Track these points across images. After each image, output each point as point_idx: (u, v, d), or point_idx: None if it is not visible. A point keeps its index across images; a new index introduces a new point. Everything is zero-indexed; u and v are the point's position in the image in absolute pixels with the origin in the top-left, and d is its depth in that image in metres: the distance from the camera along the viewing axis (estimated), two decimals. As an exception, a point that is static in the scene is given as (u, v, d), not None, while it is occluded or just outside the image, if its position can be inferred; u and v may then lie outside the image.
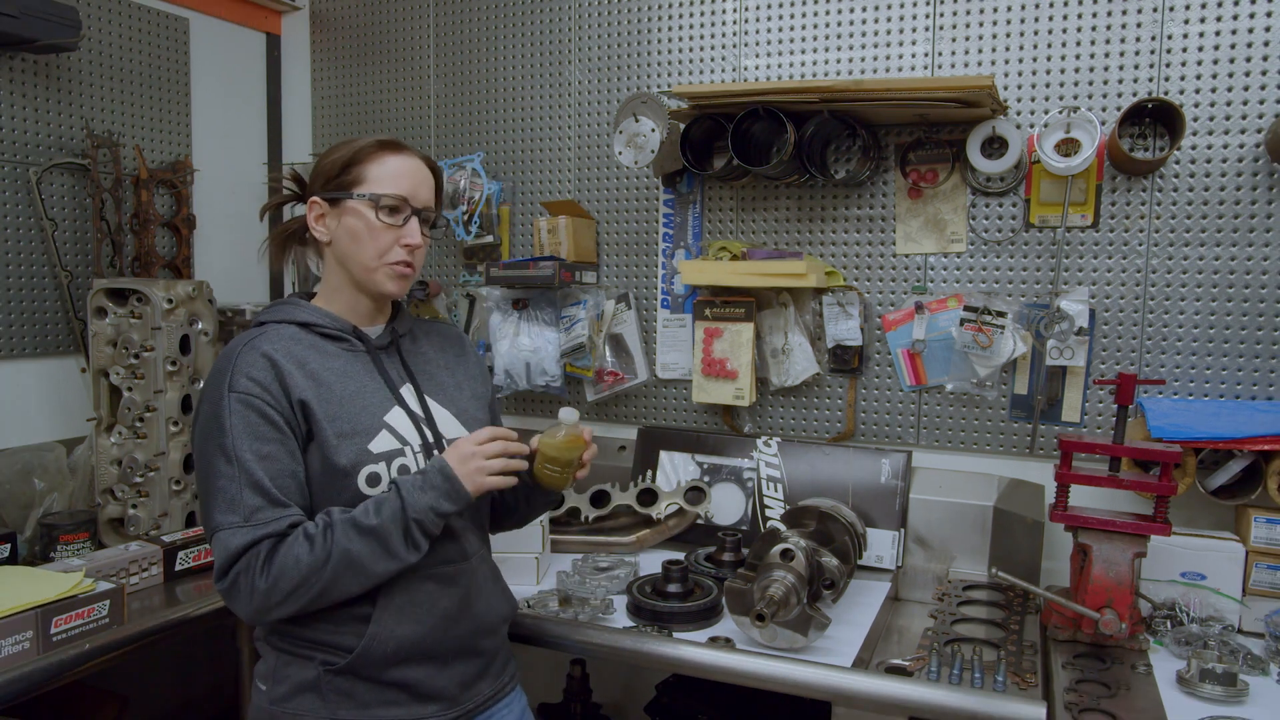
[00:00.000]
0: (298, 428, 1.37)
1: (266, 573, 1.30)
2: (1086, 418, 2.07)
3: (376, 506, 1.34)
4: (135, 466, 2.12)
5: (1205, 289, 1.96)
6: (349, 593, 1.35)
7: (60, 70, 2.31)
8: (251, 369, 1.36)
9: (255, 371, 1.36)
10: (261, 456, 1.33)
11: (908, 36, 2.16)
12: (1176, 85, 1.95)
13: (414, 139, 2.73)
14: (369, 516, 1.33)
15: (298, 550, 1.30)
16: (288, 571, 1.30)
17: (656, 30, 2.42)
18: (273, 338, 1.41)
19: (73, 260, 2.33)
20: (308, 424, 1.37)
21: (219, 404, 1.35)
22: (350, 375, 1.44)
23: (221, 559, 1.32)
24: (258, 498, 1.31)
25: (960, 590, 1.96)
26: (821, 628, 1.63)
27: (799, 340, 2.25)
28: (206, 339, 2.24)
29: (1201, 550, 1.82)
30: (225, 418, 1.33)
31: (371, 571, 1.34)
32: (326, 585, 1.32)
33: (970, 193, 2.13)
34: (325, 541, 1.31)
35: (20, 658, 1.55)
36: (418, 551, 1.36)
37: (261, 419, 1.34)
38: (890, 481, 2.12)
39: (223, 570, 1.32)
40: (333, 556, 1.31)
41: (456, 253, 2.68)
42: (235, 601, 1.34)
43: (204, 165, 2.64)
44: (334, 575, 1.31)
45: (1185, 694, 1.53)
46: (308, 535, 1.32)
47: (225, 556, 1.31)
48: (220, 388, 1.36)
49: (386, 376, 1.47)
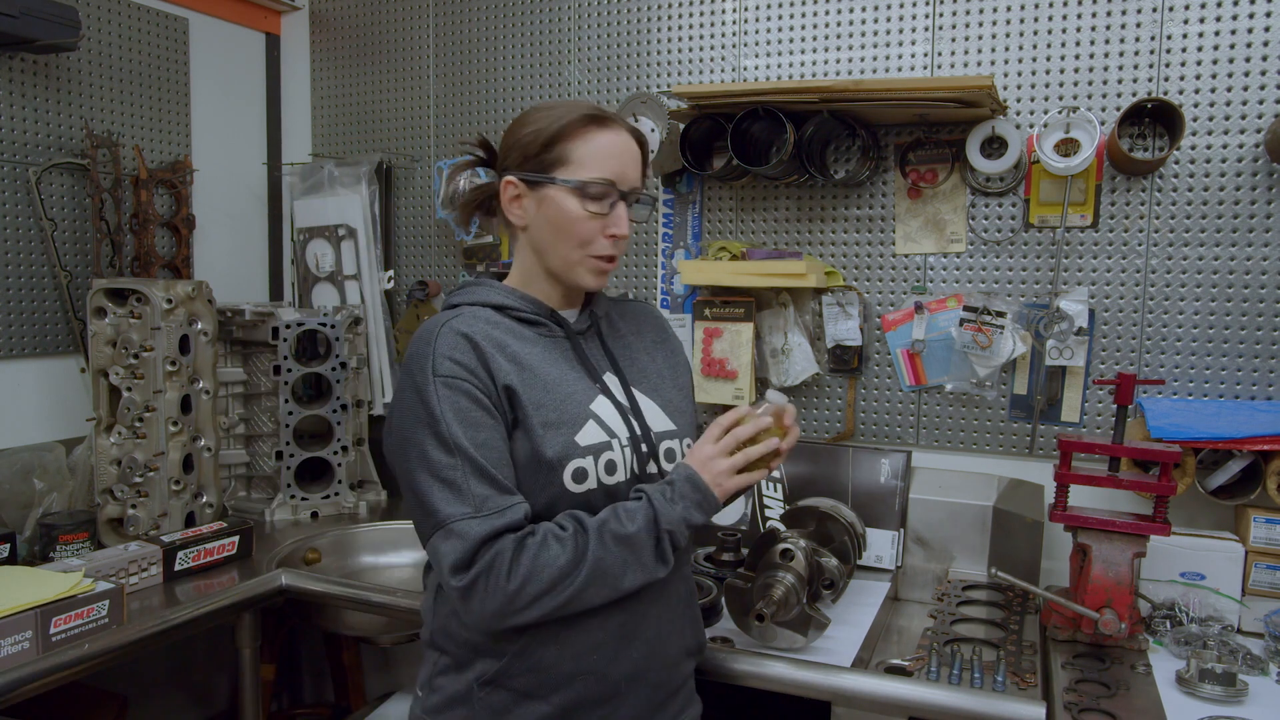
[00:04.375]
0: (505, 412, 1.26)
1: (514, 573, 1.19)
2: (1086, 418, 2.07)
3: (629, 514, 1.24)
4: (135, 466, 2.12)
5: (1205, 289, 1.96)
6: (592, 603, 1.24)
7: (60, 70, 2.31)
8: (453, 351, 1.25)
9: (457, 353, 1.25)
10: (479, 443, 1.22)
11: (907, 36, 2.16)
12: (1176, 85, 1.95)
13: (414, 139, 2.73)
14: (623, 524, 1.23)
15: (550, 553, 1.20)
16: (539, 574, 1.19)
17: (656, 30, 2.42)
18: (469, 319, 1.29)
19: (72, 260, 2.33)
20: (514, 411, 1.27)
21: (424, 389, 1.23)
22: (551, 361, 1.32)
23: (460, 553, 1.19)
24: (485, 486, 1.21)
25: (960, 590, 1.96)
26: (821, 628, 1.63)
27: (799, 340, 2.25)
28: (206, 339, 2.24)
29: (1201, 550, 1.82)
30: (434, 404, 1.22)
31: (620, 583, 1.23)
32: (576, 593, 1.21)
33: (970, 193, 2.13)
34: (578, 546, 1.21)
35: (20, 658, 1.55)
36: (666, 566, 1.26)
37: (472, 403, 1.23)
38: (890, 481, 2.12)
39: (462, 565, 1.20)
40: (586, 562, 1.21)
41: (456, 252, 2.68)
42: (474, 600, 1.21)
43: (203, 165, 2.64)
44: (585, 583, 1.21)
45: (1185, 694, 1.53)
46: (557, 538, 1.22)
47: (464, 550, 1.19)
48: (423, 372, 1.24)
49: (588, 363, 1.35)
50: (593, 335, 1.41)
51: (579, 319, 1.41)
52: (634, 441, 1.33)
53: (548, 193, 1.31)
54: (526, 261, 1.39)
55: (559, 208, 1.31)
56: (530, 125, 1.33)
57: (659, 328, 1.53)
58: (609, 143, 1.31)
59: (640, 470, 1.34)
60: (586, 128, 1.31)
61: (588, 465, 1.28)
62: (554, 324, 1.37)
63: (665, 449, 1.39)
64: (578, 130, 1.30)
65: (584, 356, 1.36)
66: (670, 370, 1.49)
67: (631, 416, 1.35)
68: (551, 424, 1.27)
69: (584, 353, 1.37)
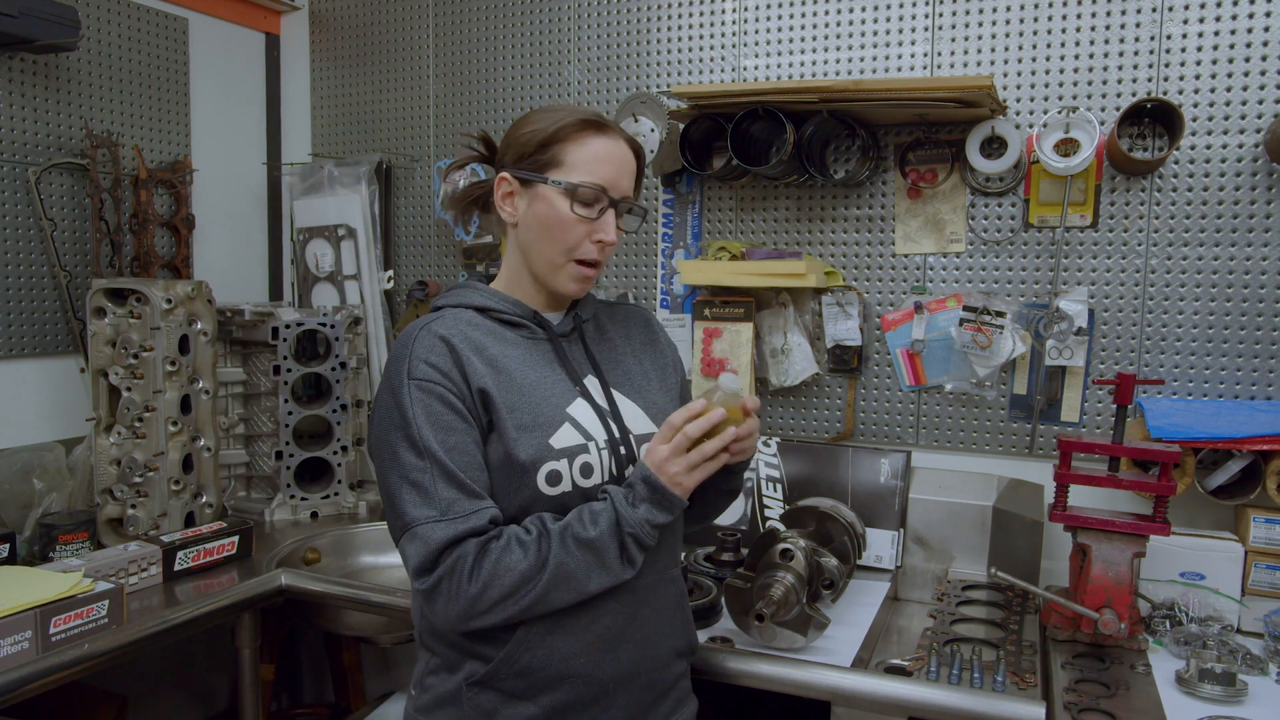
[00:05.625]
0: (479, 415, 1.28)
1: (476, 577, 1.21)
2: (1085, 418, 2.07)
3: (592, 517, 1.25)
4: (134, 466, 2.12)
5: (1204, 289, 1.96)
6: (558, 606, 1.25)
7: (59, 70, 2.30)
8: (429, 354, 1.27)
9: (433, 356, 1.27)
10: (449, 447, 1.24)
11: (907, 36, 2.16)
12: (1176, 85, 1.95)
13: (414, 139, 2.73)
14: (585, 528, 1.24)
15: (512, 557, 1.21)
16: (500, 578, 1.21)
17: (656, 30, 2.42)
18: (449, 322, 1.32)
19: (72, 260, 2.33)
20: (488, 414, 1.28)
21: (399, 392, 1.26)
22: (530, 364, 1.34)
23: (422, 556, 1.22)
24: (453, 490, 1.23)
25: (959, 590, 1.96)
26: (821, 628, 1.63)
27: (798, 340, 2.25)
28: (205, 339, 2.24)
29: (1201, 550, 1.82)
30: (407, 406, 1.25)
31: (584, 586, 1.24)
32: (539, 597, 1.23)
33: (969, 193, 2.13)
34: (540, 550, 1.22)
35: (19, 658, 1.54)
36: (633, 568, 1.27)
37: (444, 406, 1.25)
38: (889, 481, 2.12)
39: (425, 568, 1.22)
40: (548, 566, 1.22)
41: (456, 252, 2.68)
42: (437, 603, 1.23)
43: (203, 165, 2.64)
44: (548, 587, 1.22)
45: (1184, 694, 1.53)
46: (520, 541, 1.23)
47: (427, 553, 1.21)
48: (399, 375, 1.27)
49: (568, 366, 1.36)
50: (575, 338, 1.42)
51: (562, 321, 1.42)
52: (612, 444, 1.34)
53: (539, 191, 1.32)
54: (514, 261, 1.41)
55: (549, 207, 1.32)
56: (530, 125, 1.35)
57: (648, 330, 1.54)
58: (604, 149, 1.33)
59: (619, 473, 1.34)
60: (584, 132, 1.32)
61: (562, 468, 1.29)
62: (536, 326, 1.38)
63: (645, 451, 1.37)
64: (575, 133, 1.32)
65: (565, 359, 1.37)
66: (657, 373, 1.49)
67: (611, 420, 1.35)
68: (525, 426, 1.28)
69: (565, 355, 1.37)
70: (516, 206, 1.36)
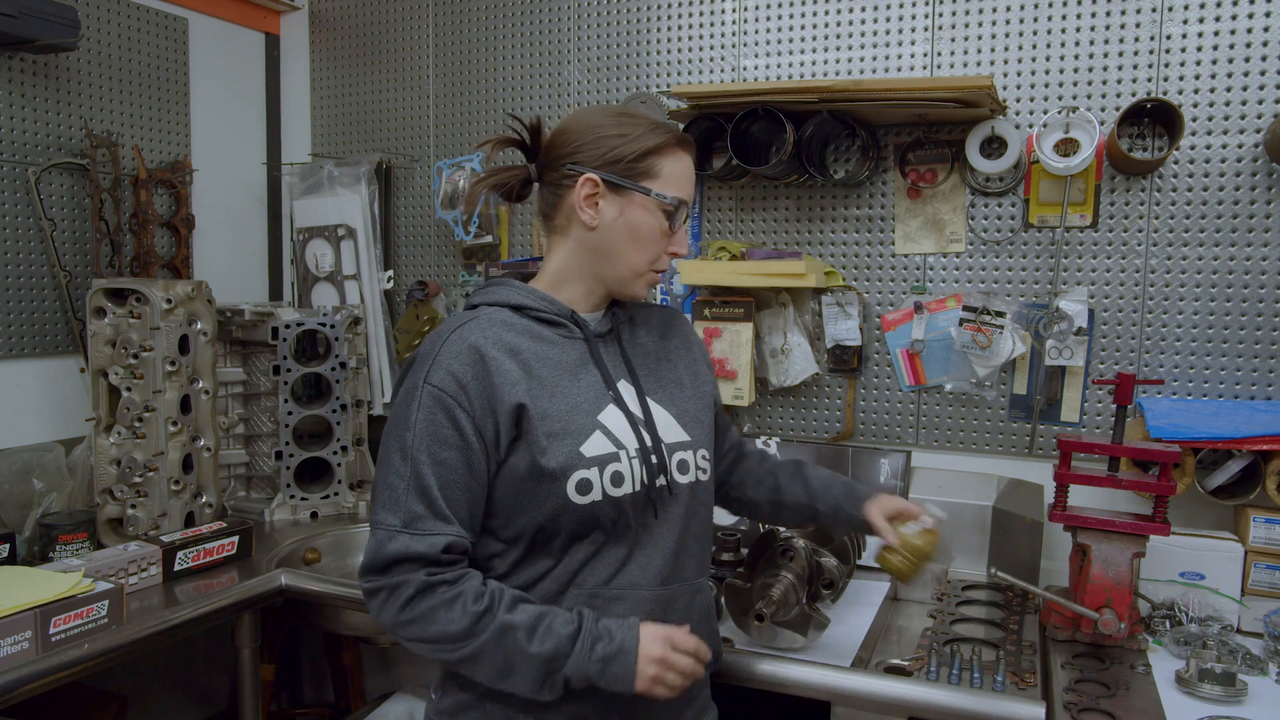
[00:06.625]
0: (499, 433, 1.26)
1: (408, 609, 1.22)
2: (1085, 418, 2.07)
3: (546, 630, 1.22)
4: (134, 466, 2.12)
5: (1204, 289, 1.96)
6: (472, 676, 1.26)
7: (59, 70, 2.30)
8: (454, 361, 1.25)
9: (457, 366, 1.25)
10: (437, 462, 1.24)
11: (907, 37, 2.16)
12: (1175, 85, 1.95)
13: (414, 139, 2.73)
14: (532, 639, 1.22)
15: (449, 614, 1.21)
16: (426, 625, 1.22)
17: (656, 30, 2.42)
18: (484, 324, 1.30)
19: (72, 260, 2.33)
20: (517, 428, 1.26)
21: (412, 393, 1.26)
22: (565, 367, 1.32)
23: (372, 558, 1.24)
24: (421, 505, 1.23)
25: (959, 590, 1.96)
26: (821, 627, 1.63)
27: (798, 340, 2.25)
28: (205, 339, 2.24)
29: (1200, 550, 1.82)
30: (413, 410, 1.25)
31: (496, 681, 1.25)
32: (455, 661, 1.24)
33: (969, 193, 2.13)
34: (476, 624, 1.22)
35: (19, 658, 1.55)
36: (554, 695, 1.24)
37: (449, 420, 1.24)
38: (889, 481, 2.12)
39: (371, 570, 1.24)
40: (472, 645, 1.22)
41: (456, 253, 2.68)
42: (371, 606, 1.26)
43: (203, 165, 2.64)
44: (464, 659, 1.23)
45: (1184, 694, 1.53)
46: (465, 604, 1.22)
47: (377, 559, 1.23)
48: (419, 375, 1.26)
49: (604, 369, 1.34)
50: (612, 339, 1.39)
51: (600, 321, 1.40)
52: (643, 453, 1.31)
53: (635, 200, 1.32)
54: (570, 261, 1.37)
55: (645, 218, 1.32)
56: (629, 131, 1.32)
57: (683, 333, 1.52)
58: (688, 167, 1.37)
59: (650, 482, 1.31)
60: (679, 149, 1.35)
61: (592, 476, 1.27)
62: (574, 325, 1.36)
63: (678, 460, 1.37)
64: (672, 149, 1.34)
65: (600, 361, 1.35)
66: (691, 378, 1.46)
67: (643, 428, 1.33)
68: (556, 434, 1.27)
69: (600, 357, 1.35)
70: (601, 211, 1.32)
